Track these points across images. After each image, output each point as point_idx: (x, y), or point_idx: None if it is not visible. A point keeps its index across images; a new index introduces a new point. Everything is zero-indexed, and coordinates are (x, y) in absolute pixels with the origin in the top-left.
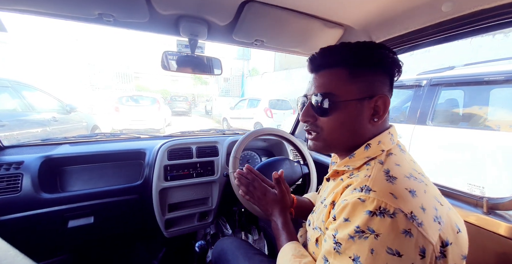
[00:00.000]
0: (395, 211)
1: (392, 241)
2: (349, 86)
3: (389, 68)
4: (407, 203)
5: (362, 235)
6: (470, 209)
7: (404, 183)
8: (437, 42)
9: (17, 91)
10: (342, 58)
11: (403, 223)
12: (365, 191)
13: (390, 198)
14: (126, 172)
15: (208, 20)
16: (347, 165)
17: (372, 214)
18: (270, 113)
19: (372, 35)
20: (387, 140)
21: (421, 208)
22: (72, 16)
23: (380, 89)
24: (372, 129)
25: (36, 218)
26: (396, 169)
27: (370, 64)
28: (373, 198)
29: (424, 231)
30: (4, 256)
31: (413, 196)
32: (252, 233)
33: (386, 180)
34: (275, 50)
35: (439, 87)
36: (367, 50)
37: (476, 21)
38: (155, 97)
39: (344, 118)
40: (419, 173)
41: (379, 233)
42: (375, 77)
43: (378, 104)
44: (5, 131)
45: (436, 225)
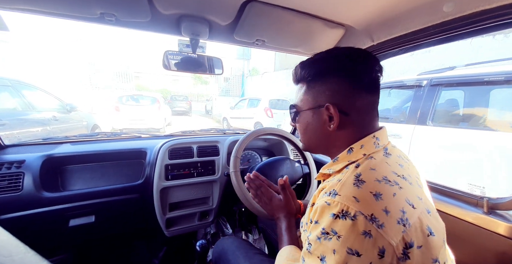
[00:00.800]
0: (356, 213)
1: (352, 242)
2: (305, 98)
3: (341, 74)
4: (368, 206)
5: (327, 236)
6: (471, 209)
7: (371, 187)
8: (438, 42)
9: (17, 90)
10: (300, 75)
11: (363, 225)
12: (332, 195)
13: (352, 202)
14: (127, 171)
15: (210, 19)
16: (330, 168)
17: (336, 216)
18: (270, 113)
19: (373, 35)
20: (370, 144)
21: (384, 210)
22: (73, 16)
23: (330, 98)
24: (342, 133)
25: (38, 217)
26: (369, 173)
27: (318, 75)
28: (337, 201)
29: (384, 233)
30: (16, 252)
31: (377, 199)
32: (252, 232)
33: (354, 184)
34: (276, 50)
35: (440, 87)
36: (316, 62)
37: (478, 21)
38: (155, 97)
39: (305, 125)
40: (398, 175)
41: (341, 235)
42: (325, 87)
43: (331, 112)
44: (6, 130)
45: (399, 227)
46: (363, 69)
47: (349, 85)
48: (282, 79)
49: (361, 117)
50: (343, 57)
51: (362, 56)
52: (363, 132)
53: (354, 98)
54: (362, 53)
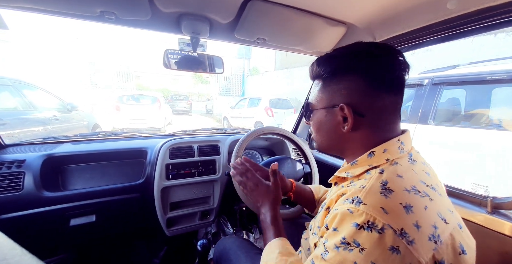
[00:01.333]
0: (384, 226)
1: (377, 257)
2: (320, 96)
3: (360, 72)
4: (398, 219)
5: (347, 247)
6: (474, 208)
7: (400, 198)
8: (441, 40)
9: (18, 89)
10: (316, 71)
11: (391, 240)
12: (355, 203)
13: (380, 213)
14: (127, 171)
15: (210, 18)
16: (348, 172)
17: (360, 227)
18: (271, 112)
19: (375, 33)
20: (394, 148)
21: (415, 225)
22: (73, 14)
23: (346, 98)
24: (358, 135)
25: (38, 217)
26: (396, 181)
27: (335, 73)
28: (362, 211)
29: (414, 250)
30: (11, 255)
31: (408, 212)
32: (253, 232)
33: (380, 193)
34: (277, 49)
35: (441, 86)
36: (332, 59)
37: (482, 18)
38: (155, 96)
39: (318, 124)
40: (427, 185)
41: (365, 247)
42: (341, 85)
43: (346, 113)
44: (6, 129)
45: (431, 244)
46: (385, 67)
47: (367, 84)
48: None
49: (380, 119)
50: (363, 53)
51: (385, 53)
52: (384, 135)
53: (373, 99)
54: (385, 48)
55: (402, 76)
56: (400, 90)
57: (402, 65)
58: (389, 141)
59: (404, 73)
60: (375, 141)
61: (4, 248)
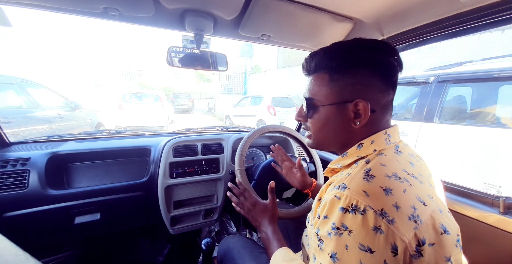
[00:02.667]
0: (365, 208)
1: (364, 238)
2: (328, 90)
3: (374, 68)
4: (378, 201)
5: (337, 231)
6: (486, 209)
7: (380, 182)
8: (452, 35)
9: (22, 88)
10: (322, 62)
11: (373, 220)
12: (341, 188)
13: (361, 196)
14: (131, 169)
15: (214, 14)
16: (338, 163)
17: (345, 210)
18: (273, 111)
19: (383, 29)
20: (382, 140)
21: (394, 206)
22: (76, 11)
23: (361, 93)
24: (362, 130)
25: (43, 214)
26: (379, 168)
27: (349, 67)
28: (346, 195)
29: (395, 229)
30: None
31: (387, 194)
32: (256, 231)
33: (363, 179)
34: (282, 45)
35: (447, 84)
36: (345, 53)
37: (496, 12)
38: (158, 95)
39: (324, 121)
40: (409, 174)
41: (352, 230)
42: (355, 80)
43: (359, 108)
44: (11, 127)
45: (411, 223)
46: (394, 65)
47: (380, 81)
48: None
49: (383, 114)
50: (378, 50)
51: (392, 52)
52: (375, 128)
53: (383, 95)
54: (389, 46)
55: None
56: (396, 87)
57: (402, 65)
58: (377, 133)
59: (400, 72)
60: (369, 134)
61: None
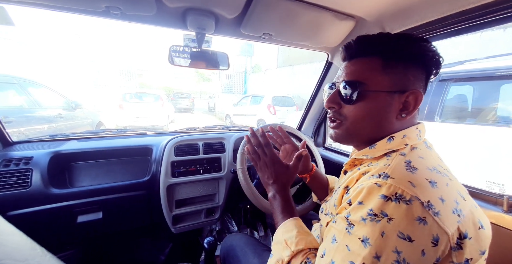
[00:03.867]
0: (411, 198)
1: (405, 227)
2: (381, 77)
3: (427, 63)
4: (425, 192)
5: (374, 218)
6: (489, 207)
7: (425, 174)
8: (456, 33)
9: (23, 87)
10: (379, 47)
11: (419, 211)
12: (383, 177)
13: (408, 186)
14: (133, 168)
15: (216, 13)
16: (366, 154)
17: (388, 199)
18: (273, 110)
19: (385, 26)
20: (413, 135)
21: (440, 198)
22: (78, 9)
23: (413, 84)
24: (398, 123)
25: (46, 213)
26: (419, 161)
27: (406, 57)
28: (390, 184)
29: (440, 221)
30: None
31: (433, 186)
32: (257, 229)
33: (406, 170)
34: (283, 44)
35: (449, 83)
36: (406, 43)
37: (501, 9)
38: (158, 94)
39: (370, 109)
40: (444, 169)
41: (392, 218)
42: (409, 71)
43: (409, 100)
44: (13, 127)
45: (455, 217)
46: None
47: (425, 76)
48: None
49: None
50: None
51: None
52: (408, 123)
53: (424, 89)
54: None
55: None
56: None
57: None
58: (408, 128)
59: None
60: (400, 129)
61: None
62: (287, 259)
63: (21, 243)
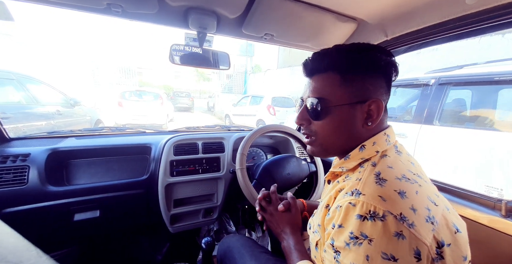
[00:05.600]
0: (384, 213)
1: (386, 246)
2: (341, 90)
3: (383, 70)
4: (396, 205)
5: (356, 241)
6: (487, 211)
7: (393, 185)
8: (457, 37)
9: (21, 83)
10: (334, 62)
11: (394, 226)
12: (355, 195)
13: (379, 201)
14: (131, 167)
15: (218, 12)
16: (342, 166)
17: (363, 218)
18: (273, 111)
19: (387, 30)
20: (382, 141)
21: (411, 209)
22: (80, 6)
23: (373, 93)
24: (367, 132)
25: (43, 211)
26: (388, 171)
27: (361, 68)
28: (362, 201)
29: (417, 232)
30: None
31: (403, 197)
32: (255, 230)
33: (376, 183)
34: (284, 45)
35: (448, 86)
36: (358, 54)
37: (502, 15)
38: (158, 93)
39: (337, 123)
40: (414, 174)
41: (372, 238)
42: (367, 81)
43: (372, 108)
44: (11, 123)
45: (429, 225)
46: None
47: (385, 82)
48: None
49: (385, 115)
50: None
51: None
52: (376, 129)
53: (387, 96)
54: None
55: None
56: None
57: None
58: (377, 134)
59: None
60: (370, 136)
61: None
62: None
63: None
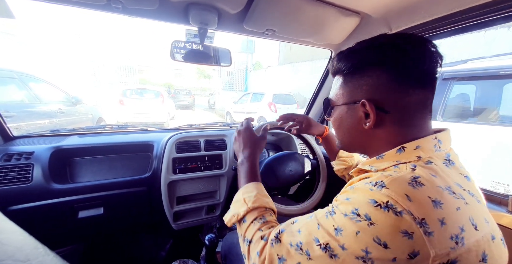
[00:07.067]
0: (403, 211)
1: (385, 235)
2: (341, 91)
3: (382, 66)
4: (422, 209)
5: (356, 217)
6: (494, 207)
7: (430, 192)
8: (464, 30)
9: (24, 82)
10: (338, 65)
11: (407, 225)
12: (378, 186)
13: (403, 198)
14: (134, 164)
15: (219, 7)
16: (372, 165)
17: (377, 205)
18: (274, 108)
19: (391, 23)
20: (429, 146)
21: (439, 220)
22: (80, 3)
23: (367, 93)
24: (385, 132)
25: (47, 208)
26: (430, 178)
27: (353, 69)
28: (383, 194)
29: (429, 241)
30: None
31: (436, 207)
32: None
33: (409, 184)
34: (286, 40)
35: (452, 81)
36: (352, 54)
37: (510, 6)
38: (159, 91)
39: (339, 121)
40: (464, 189)
41: (375, 223)
42: (362, 81)
43: (367, 109)
44: (14, 121)
45: (450, 243)
46: (412, 60)
47: (392, 79)
48: (286, 73)
49: (408, 115)
50: (389, 46)
51: (413, 44)
52: (413, 132)
53: (398, 94)
54: (414, 39)
55: (433, 68)
56: (430, 84)
57: (434, 56)
58: (424, 137)
59: (436, 64)
60: (404, 138)
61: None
62: (242, 214)
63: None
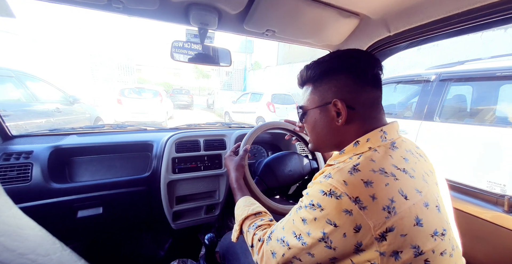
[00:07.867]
0: (341, 194)
1: (333, 216)
2: (312, 97)
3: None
4: (355, 190)
5: (312, 207)
6: (490, 207)
7: (363, 175)
8: (462, 32)
9: (21, 81)
10: (307, 75)
11: (346, 204)
12: (326, 177)
13: (340, 184)
14: (133, 164)
15: (219, 8)
16: (335, 160)
17: (324, 193)
18: (273, 108)
19: (390, 25)
20: (377, 137)
21: (371, 196)
22: (80, 2)
23: (337, 93)
24: (351, 128)
25: (46, 208)
26: (367, 163)
27: (323, 74)
28: (328, 183)
29: (365, 214)
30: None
31: (367, 186)
32: None
33: (348, 172)
34: (286, 41)
35: (449, 83)
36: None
37: (508, 9)
38: (157, 90)
39: (313, 123)
40: (398, 168)
41: (324, 208)
42: (331, 84)
43: (338, 108)
44: (11, 121)
45: (383, 213)
46: (366, 65)
47: (353, 80)
48: (285, 73)
49: (367, 111)
50: (347, 56)
51: (363, 54)
52: (371, 126)
53: (359, 93)
54: (363, 52)
55: (379, 73)
56: (379, 85)
57: (378, 64)
58: (372, 131)
59: (381, 71)
60: (363, 132)
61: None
62: (238, 227)
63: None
